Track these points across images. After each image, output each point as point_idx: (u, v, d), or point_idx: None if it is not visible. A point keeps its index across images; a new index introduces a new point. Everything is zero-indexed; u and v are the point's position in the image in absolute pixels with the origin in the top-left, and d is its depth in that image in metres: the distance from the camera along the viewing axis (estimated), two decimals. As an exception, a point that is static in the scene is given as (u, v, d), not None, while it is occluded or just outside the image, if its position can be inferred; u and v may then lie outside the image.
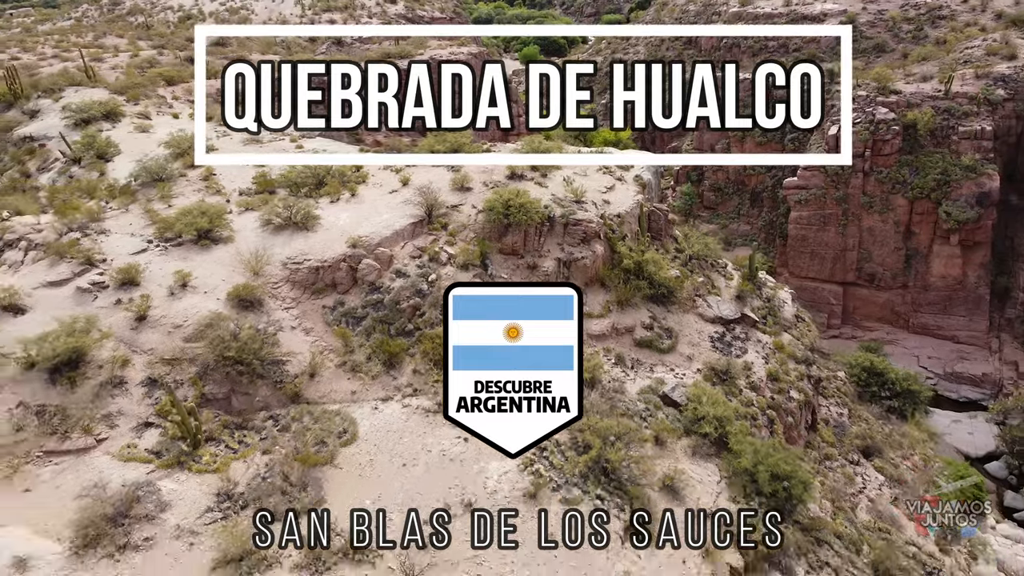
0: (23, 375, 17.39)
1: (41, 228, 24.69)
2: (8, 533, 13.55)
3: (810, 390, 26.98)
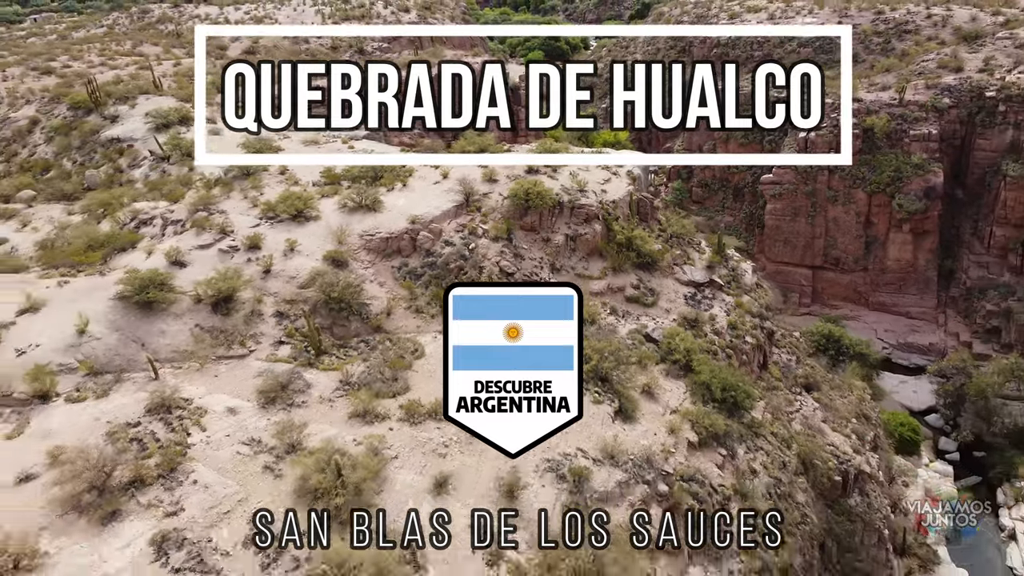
0: (194, 306, 24.91)
1: (173, 209, 32.28)
2: (216, 398, 21.03)
3: (763, 338, 34.46)
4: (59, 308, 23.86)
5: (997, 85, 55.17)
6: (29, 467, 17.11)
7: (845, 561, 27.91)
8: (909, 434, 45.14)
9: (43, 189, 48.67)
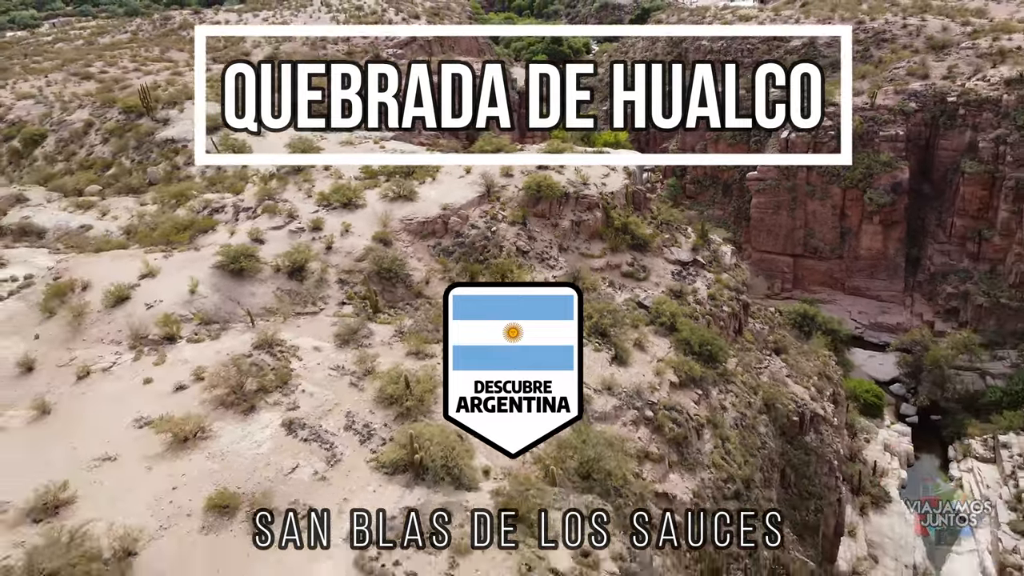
0: (275, 274, 31.06)
1: (242, 199, 38.51)
2: (303, 340, 27.13)
3: (738, 308, 40.58)
4: (170, 274, 30.05)
5: (958, 91, 61.32)
6: (180, 381, 23.26)
7: (800, 485, 34.08)
8: (873, 399, 51.32)
9: (109, 184, 55.02)
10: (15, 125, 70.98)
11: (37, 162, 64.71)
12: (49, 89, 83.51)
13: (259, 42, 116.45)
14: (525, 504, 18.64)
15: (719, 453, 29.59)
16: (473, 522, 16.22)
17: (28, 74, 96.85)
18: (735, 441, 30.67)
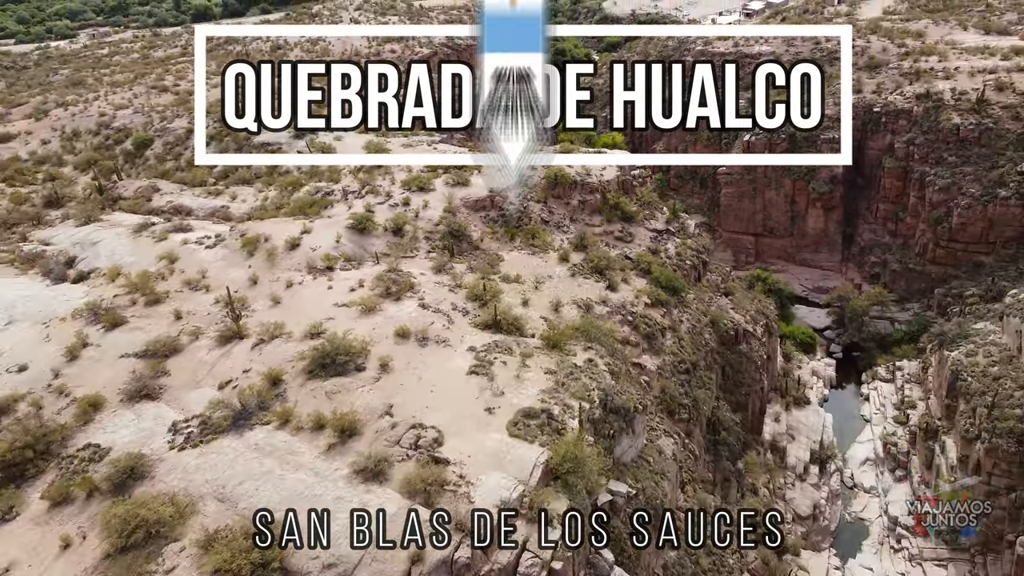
0: (384, 233, 47.14)
1: (347, 185, 54.62)
2: (412, 269, 43.16)
3: (698, 263, 56.66)
4: (319, 232, 46.07)
5: (882, 103, 77.35)
6: (350, 287, 39.24)
7: (735, 378, 50.21)
8: (808, 339, 67.59)
9: (219, 178, 71.03)
10: (122, 131, 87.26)
11: (149, 161, 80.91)
12: (137, 101, 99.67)
13: (301, 56, 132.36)
14: (555, 340, 34.72)
15: (676, 346, 45.64)
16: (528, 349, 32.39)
17: (112, 87, 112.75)
18: (687, 340, 46.75)
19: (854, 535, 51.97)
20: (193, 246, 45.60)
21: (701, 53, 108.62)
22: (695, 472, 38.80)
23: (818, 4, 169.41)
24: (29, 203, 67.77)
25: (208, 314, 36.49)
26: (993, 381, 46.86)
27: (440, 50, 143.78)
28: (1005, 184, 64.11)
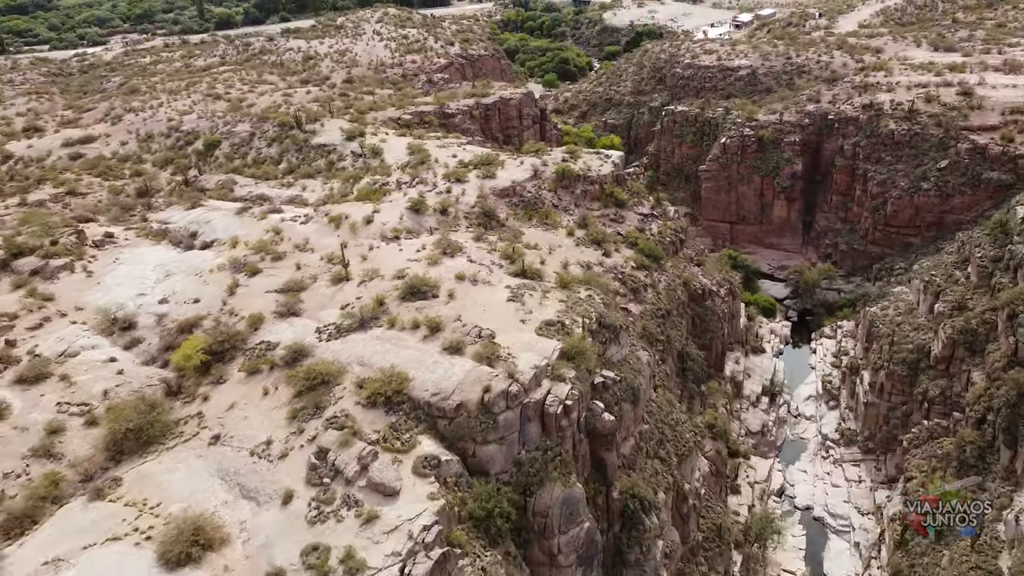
0: (434, 213, 62.06)
1: (399, 178, 69.55)
2: (458, 239, 58.00)
3: (676, 240, 71.53)
4: (385, 212, 60.95)
5: (835, 112, 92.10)
6: (416, 249, 54.02)
7: (702, 325, 65.08)
8: (770, 306, 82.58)
9: (284, 173, 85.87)
10: (190, 134, 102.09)
11: (219, 160, 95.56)
12: (197, 107, 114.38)
13: (333, 67, 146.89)
14: (565, 282, 49.54)
15: (655, 298, 60.42)
16: (546, 288, 47.37)
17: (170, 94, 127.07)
18: (664, 294, 61.56)
19: (795, 449, 66.80)
20: (290, 222, 60.45)
21: (689, 65, 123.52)
22: (667, 383, 53.73)
23: (800, 18, 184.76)
24: (124, 194, 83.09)
25: (318, 266, 51.45)
26: (896, 327, 61.56)
27: (455, 60, 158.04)
28: (927, 179, 78.69)
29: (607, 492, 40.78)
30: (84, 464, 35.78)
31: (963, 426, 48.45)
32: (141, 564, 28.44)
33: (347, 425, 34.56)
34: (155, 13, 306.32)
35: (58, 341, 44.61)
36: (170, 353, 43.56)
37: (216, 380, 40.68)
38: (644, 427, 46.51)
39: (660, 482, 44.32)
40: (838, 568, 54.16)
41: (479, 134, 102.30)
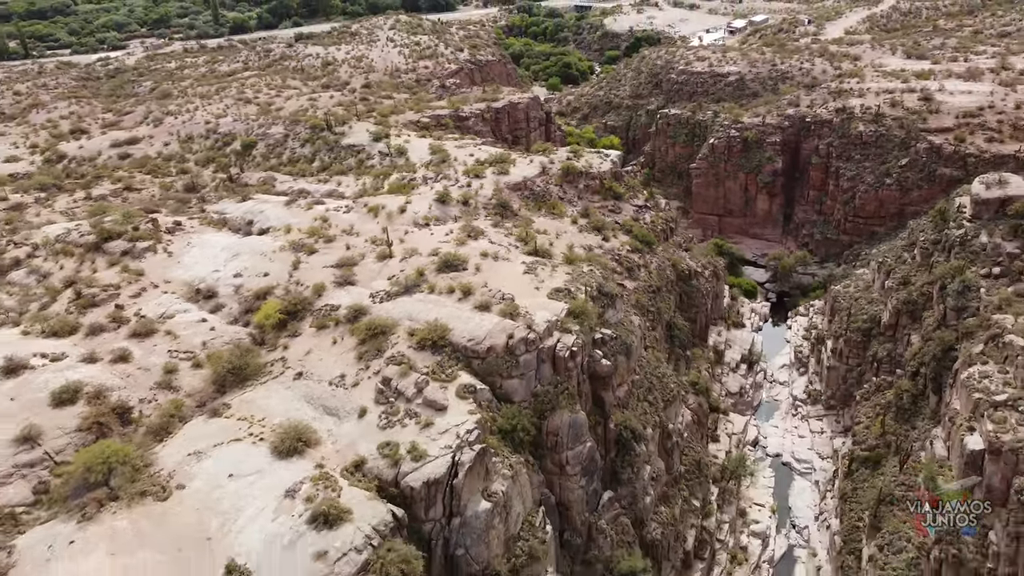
0: (457, 204, 72.28)
1: (425, 174, 79.72)
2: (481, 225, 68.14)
3: (666, 227, 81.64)
4: (416, 203, 70.97)
5: (812, 115, 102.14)
6: (445, 233, 64.15)
7: (688, 302, 75.24)
8: (752, 288, 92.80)
9: (318, 171, 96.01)
10: (227, 135, 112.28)
11: (256, 160, 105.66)
12: (231, 111, 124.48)
13: (351, 72, 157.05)
14: (571, 259, 59.69)
15: (647, 276, 70.50)
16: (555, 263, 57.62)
17: (203, 99, 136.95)
18: (655, 273, 71.63)
19: (769, 409, 76.94)
20: (333, 211, 70.61)
21: (683, 71, 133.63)
22: (656, 346, 63.92)
23: (791, 24, 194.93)
24: (173, 189, 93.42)
25: (364, 247, 61.62)
26: (854, 301, 71.67)
27: (465, 66, 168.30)
28: (890, 175, 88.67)
29: (605, 423, 50.97)
30: (197, 395, 46.01)
31: (902, 379, 58.56)
32: (260, 454, 38.60)
33: (403, 362, 44.78)
34: (171, 18, 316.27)
35: (157, 306, 54.87)
36: (249, 316, 53.80)
37: (292, 334, 50.89)
38: (635, 377, 56.68)
39: (648, 420, 54.52)
40: (800, 501, 64.35)
41: (490, 135, 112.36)
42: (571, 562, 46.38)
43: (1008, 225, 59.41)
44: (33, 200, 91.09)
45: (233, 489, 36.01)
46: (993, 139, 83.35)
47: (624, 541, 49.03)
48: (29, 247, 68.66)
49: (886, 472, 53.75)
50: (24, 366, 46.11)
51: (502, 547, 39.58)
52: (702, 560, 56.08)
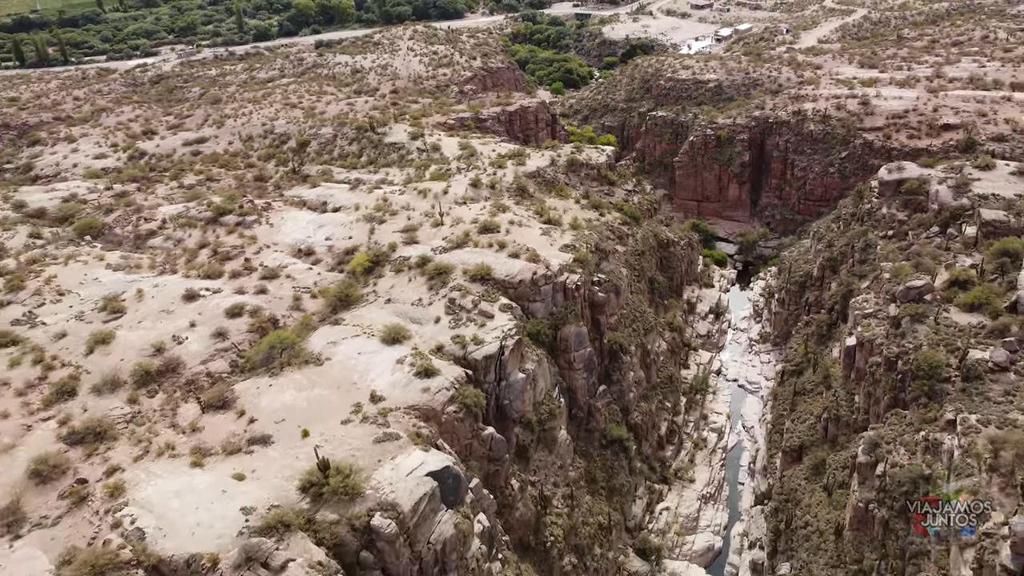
0: (487, 187, 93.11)
1: (458, 165, 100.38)
2: (506, 204, 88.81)
3: (651, 208, 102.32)
4: (454, 187, 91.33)
5: (774, 116, 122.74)
6: (479, 209, 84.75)
7: (667, 264, 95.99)
8: (722, 258, 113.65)
9: (366, 164, 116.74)
10: (283, 135, 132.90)
11: (310, 156, 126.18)
12: (280, 114, 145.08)
13: (379, 79, 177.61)
14: (575, 226, 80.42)
15: (634, 243, 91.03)
16: (563, 229, 78.54)
17: (254, 103, 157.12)
18: (640, 241, 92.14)
19: (732, 349, 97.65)
20: (391, 194, 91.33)
21: (670, 79, 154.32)
22: (640, 294, 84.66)
23: (771, 32, 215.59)
24: (244, 180, 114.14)
25: (420, 218, 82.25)
26: (794, 261, 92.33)
27: (478, 73, 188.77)
28: (833, 165, 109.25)
29: (600, 339, 71.72)
30: (319, 314, 66.63)
31: (820, 313, 79.43)
32: (374, 343, 59.13)
33: (462, 289, 65.45)
34: (196, 25, 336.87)
35: (273, 259, 75.52)
36: (342, 266, 74.37)
37: (377, 276, 71.53)
38: (623, 311, 77.46)
39: (632, 340, 75.32)
40: (749, 410, 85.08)
41: (505, 134, 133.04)
42: (576, 429, 67.15)
43: (900, 200, 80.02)
44: (135, 188, 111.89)
45: (362, 360, 56.70)
46: (913, 136, 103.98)
47: (614, 420, 69.84)
48: (158, 222, 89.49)
49: (804, 376, 74.59)
50: (197, 295, 66.85)
51: (532, 406, 60.34)
52: (672, 444, 76.84)
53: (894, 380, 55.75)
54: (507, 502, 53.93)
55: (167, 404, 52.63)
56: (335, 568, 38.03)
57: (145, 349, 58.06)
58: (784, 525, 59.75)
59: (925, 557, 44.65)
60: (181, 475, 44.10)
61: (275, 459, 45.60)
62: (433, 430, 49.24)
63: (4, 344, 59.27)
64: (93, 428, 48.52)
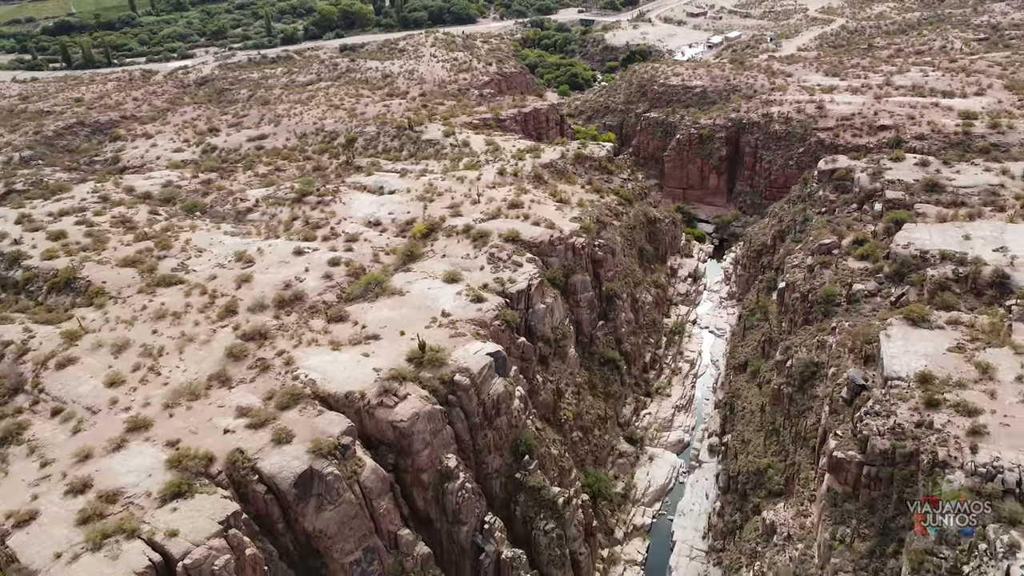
0: (510, 175, 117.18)
1: (486, 157, 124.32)
2: (527, 187, 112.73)
3: (642, 192, 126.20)
4: (485, 175, 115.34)
5: (747, 118, 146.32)
6: (506, 193, 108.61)
7: (654, 237, 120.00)
8: (702, 235, 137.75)
9: (407, 157, 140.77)
10: (331, 133, 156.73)
11: (358, 150, 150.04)
12: (327, 114, 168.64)
13: (407, 83, 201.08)
14: (582, 204, 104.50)
15: (628, 219, 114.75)
16: (572, 205, 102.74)
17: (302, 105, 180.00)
18: (633, 217, 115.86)
19: (705, 304, 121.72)
20: (434, 180, 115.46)
21: (663, 84, 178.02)
22: (631, 259, 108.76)
23: (756, 40, 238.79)
24: (305, 170, 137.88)
25: (461, 198, 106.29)
26: (754, 235, 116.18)
27: (494, 78, 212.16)
28: (792, 159, 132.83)
29: (600, 287, 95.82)
30: (392, 266, 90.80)
31: (769, 272, 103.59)
32: (438, 282, 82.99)
33: (498, 246, 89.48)
34: (226, 29, 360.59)
35: (351, 228, 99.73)
36: (404, 233, 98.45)
37: (432, 240, 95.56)
38: (617, 269, 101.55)
39: (624, 290, 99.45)
40: (716, 349, 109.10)
41: (521, 132, 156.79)
42: (582, 350, 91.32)
43: (832, 185, 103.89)
44: (216, 176, 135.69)
45: (431, 292, 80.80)
46: (856, 135, 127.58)
47: (610, 346, 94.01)
48: (251, 202, 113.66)
49: (754, 317, 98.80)
50: (303, 251, 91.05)
51: (550, 329, 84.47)
52: (654, 370, 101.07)
53: (806, 307, 79.77)
54: (534, 389, 78.03)
55: (300, 319, 76.80)
56: (434, 400, 62.22)
57: (277, 285, 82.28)
58: (729, 411, 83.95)
59: (809, 412, 68.77)
60: (327, 354, 68.29)
61: (385, 346, 69.79)
62: (485, 333, 73.44)
63: (175, 283, 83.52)
64: (258, 330, 72.70)
